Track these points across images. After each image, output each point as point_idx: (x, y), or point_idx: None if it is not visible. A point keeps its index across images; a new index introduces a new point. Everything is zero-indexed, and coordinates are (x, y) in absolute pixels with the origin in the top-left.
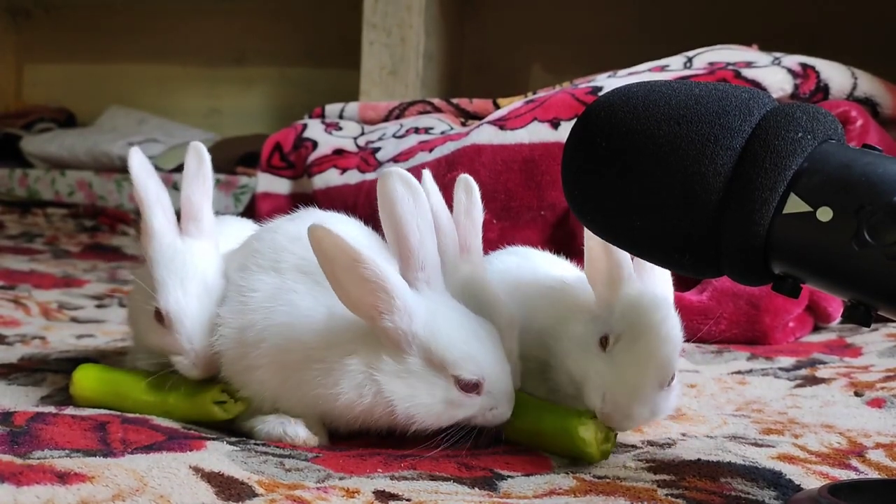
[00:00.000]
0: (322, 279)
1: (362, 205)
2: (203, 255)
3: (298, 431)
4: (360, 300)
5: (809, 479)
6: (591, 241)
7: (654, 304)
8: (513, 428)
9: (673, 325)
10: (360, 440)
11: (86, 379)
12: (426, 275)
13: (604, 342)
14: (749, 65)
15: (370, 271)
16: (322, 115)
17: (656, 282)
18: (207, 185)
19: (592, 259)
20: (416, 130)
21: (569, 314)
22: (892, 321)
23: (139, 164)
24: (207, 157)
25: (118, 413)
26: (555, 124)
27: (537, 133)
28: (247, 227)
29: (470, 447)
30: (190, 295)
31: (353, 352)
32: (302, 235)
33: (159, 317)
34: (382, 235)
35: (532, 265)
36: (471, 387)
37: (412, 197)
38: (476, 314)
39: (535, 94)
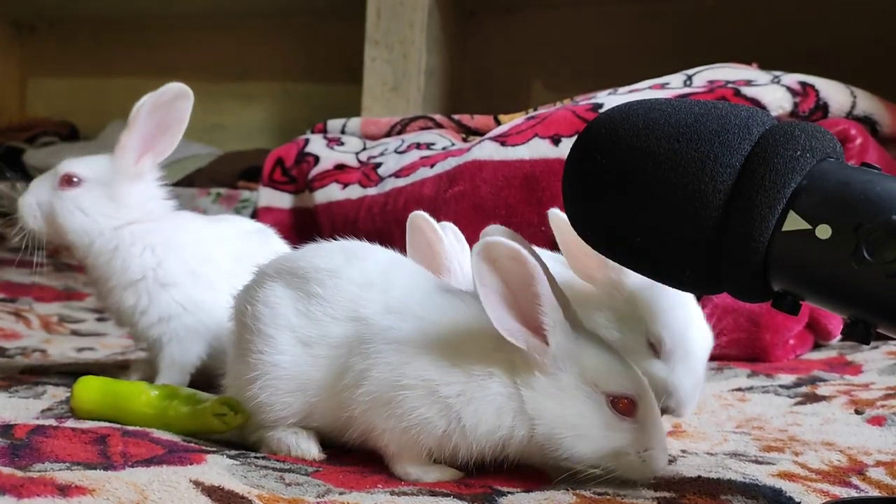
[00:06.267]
0: (421, 311)
1: (363, 219)
2: None
3: (311, 446)
4: (525, 317)
5: (810, 497)
6: (566, 236)
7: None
8: None
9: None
10: (360, 455)
11: (86, 391)
12: (569, 313)
13: (655, 348)
14: (748, 83)
15: (543, 287)
16: (324, 131)
17: None
18: None
19: (574, 251)
20: (418, 146)
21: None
22: (892, 338)
23: None
24: None
25: (118, 426)
26: (556, 141)
27: (538, 149)
28: (247, 224)
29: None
30: None
31: (491, 375)
32: (373, 281)
33: None
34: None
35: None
36: (624, 406)
37: (526, 248)
38: None
39: (536, 110)
